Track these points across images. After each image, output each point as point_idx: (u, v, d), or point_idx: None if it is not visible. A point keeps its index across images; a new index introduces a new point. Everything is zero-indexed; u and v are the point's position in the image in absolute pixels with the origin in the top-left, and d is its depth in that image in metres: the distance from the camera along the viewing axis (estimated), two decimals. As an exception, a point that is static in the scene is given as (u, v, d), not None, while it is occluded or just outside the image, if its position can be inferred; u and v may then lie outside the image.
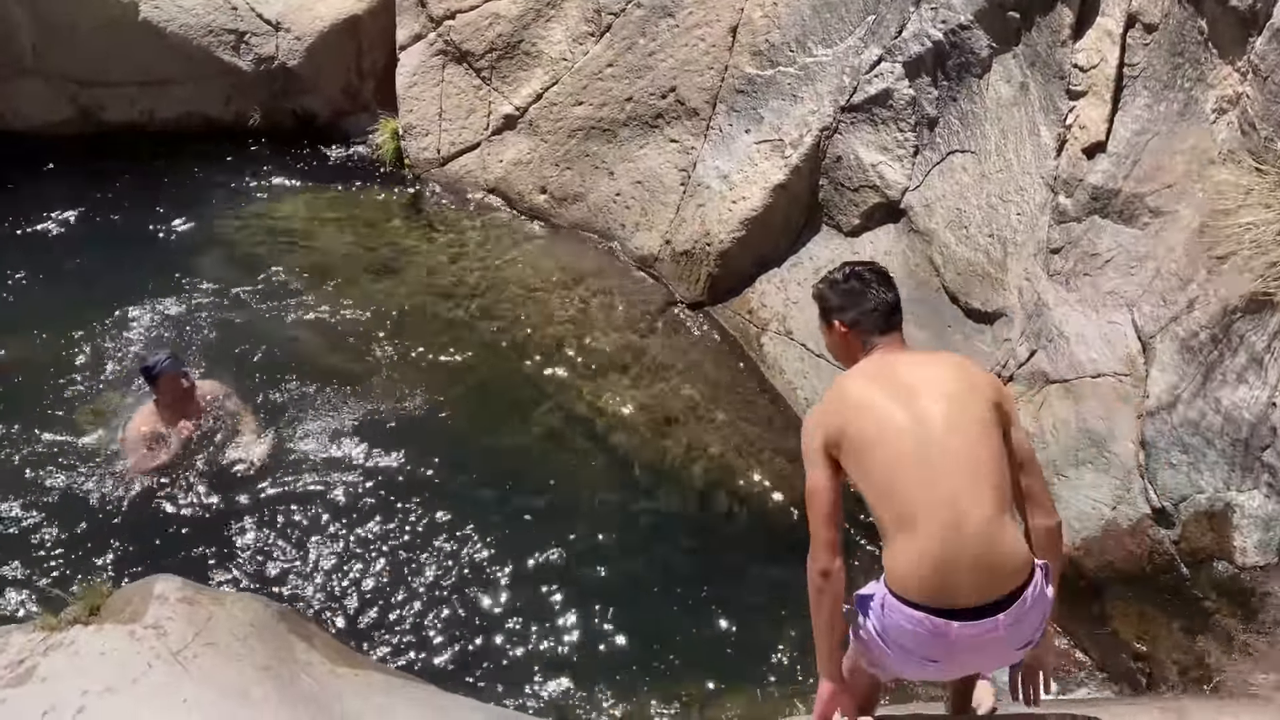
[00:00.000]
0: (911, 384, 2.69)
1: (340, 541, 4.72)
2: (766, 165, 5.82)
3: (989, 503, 2.55)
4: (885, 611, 2.61)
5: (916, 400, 2.64)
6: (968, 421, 2.63)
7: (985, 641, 2.56)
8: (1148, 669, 3.93)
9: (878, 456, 2.61)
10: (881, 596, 2.63)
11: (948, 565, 2.52)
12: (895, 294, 2.90)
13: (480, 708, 3.69)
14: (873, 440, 2.62)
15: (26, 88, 7.50)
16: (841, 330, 2.88)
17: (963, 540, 2.52)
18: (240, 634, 3.41)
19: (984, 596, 2.53)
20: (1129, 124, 4.36)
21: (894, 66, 5.36)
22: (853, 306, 2.86)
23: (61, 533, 4.68)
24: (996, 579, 2.55)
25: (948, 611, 2.53)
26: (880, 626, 2.65)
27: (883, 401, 2.66)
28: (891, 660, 2.70)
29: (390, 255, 6.61)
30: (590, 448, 5.27)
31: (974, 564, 2.52)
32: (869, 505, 2.66)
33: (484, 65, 7.04)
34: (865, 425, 2.64)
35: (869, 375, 2.76)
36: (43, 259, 6.50)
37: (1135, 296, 4.17)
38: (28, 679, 3.15)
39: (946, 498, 2.54)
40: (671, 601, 4.50)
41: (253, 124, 7.60)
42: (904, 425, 2.61)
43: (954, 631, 2.53)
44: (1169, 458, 3.80)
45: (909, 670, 2.77)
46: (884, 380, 2.72)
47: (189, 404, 5.06)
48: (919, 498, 2.56)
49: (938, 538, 2.52)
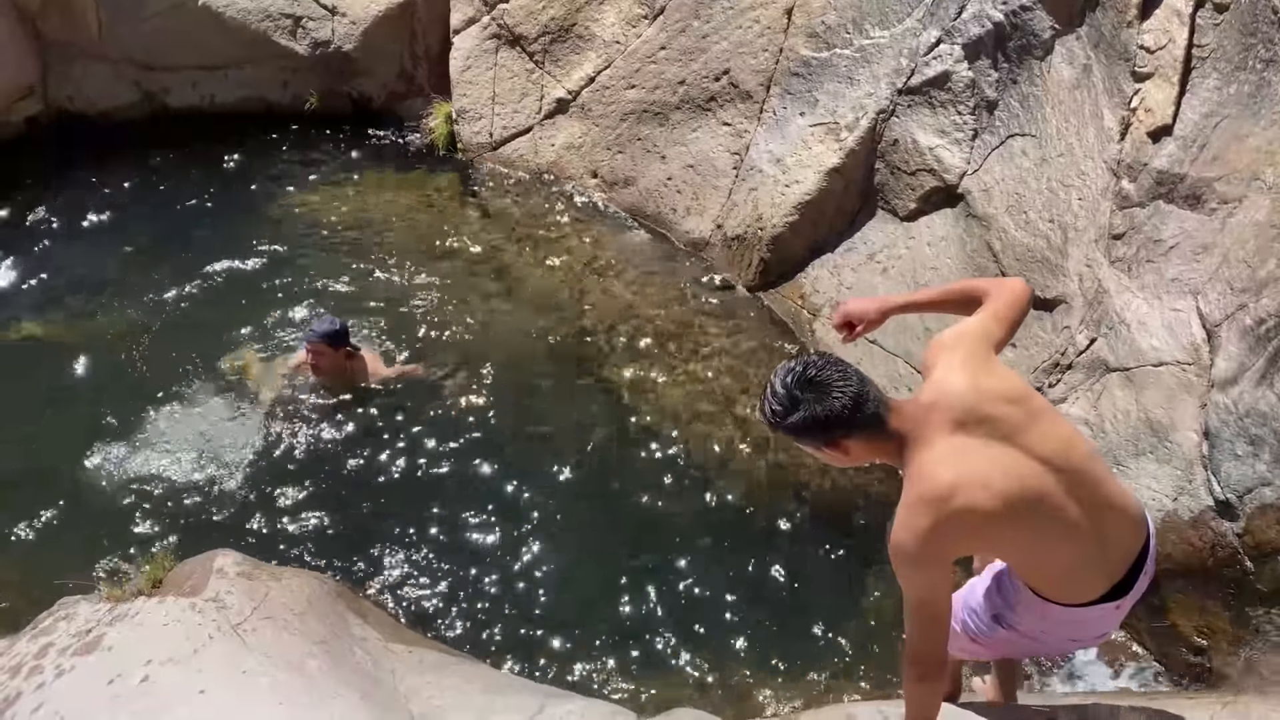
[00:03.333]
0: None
1: (394, 520, 4.78)
2: (821, 149, 5.76)
3: (1095, 478, 2.50)
4: (1050, 620, 2.63)
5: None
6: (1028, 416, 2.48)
7: (1139, 589, 2.62)
8: (1207, 663, 3.85)
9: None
10: (1038, 608, 2.62)
11: (1107, 563, 2.53)
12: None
13: (530, 686, 3.73)
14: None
15: (93, 71, 7.65)
16: (846, 446, 2.45)
17: (1108, 536, 2.51)
18: (297, 609, 3.48)
19: (1131, 558, 2.57)
20: (1197, 107, 4.25)
21: (953, 48, 5.27)
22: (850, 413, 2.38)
23: (128, 506, 4.80)
24: (1136, 537, 2.58)
25: (1119, 587, 2.56)
26: (1039, 628, 2.67)
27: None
28: (1044, 649, 2.83)
29: (443, 239, 6.66)
30: (641, 433, 5.28)
31: (1118, 543, 2.54)
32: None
33: (537, 49, 7.05)
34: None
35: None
36: (108, 242, 6.64)
37: (1200, 284, 4.07)
38: (95, 648, 3.25)
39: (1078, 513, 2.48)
40: (726, 590, 4.49)
41: (309, 108, 7.69)
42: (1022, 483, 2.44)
43: (1126, 601, 2.59)
44: (1234, 449, 3.71)
45: (1050, 652, 2.91)
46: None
47: (340, 371, 5.26)
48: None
49: (1092, 552, 2.50)
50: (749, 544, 4.70)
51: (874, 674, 4.13)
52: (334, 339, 5.12)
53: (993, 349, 2.56)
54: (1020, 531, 2.42)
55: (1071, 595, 2.55)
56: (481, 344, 5.77)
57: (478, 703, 3.34)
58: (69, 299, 6.12)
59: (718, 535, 4.72)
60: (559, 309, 6.07)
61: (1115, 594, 2.55)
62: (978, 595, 2.85)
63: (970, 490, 2.32)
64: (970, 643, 2.88)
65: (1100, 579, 2.53)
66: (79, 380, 5.55)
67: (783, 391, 2.41)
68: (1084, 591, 2.54)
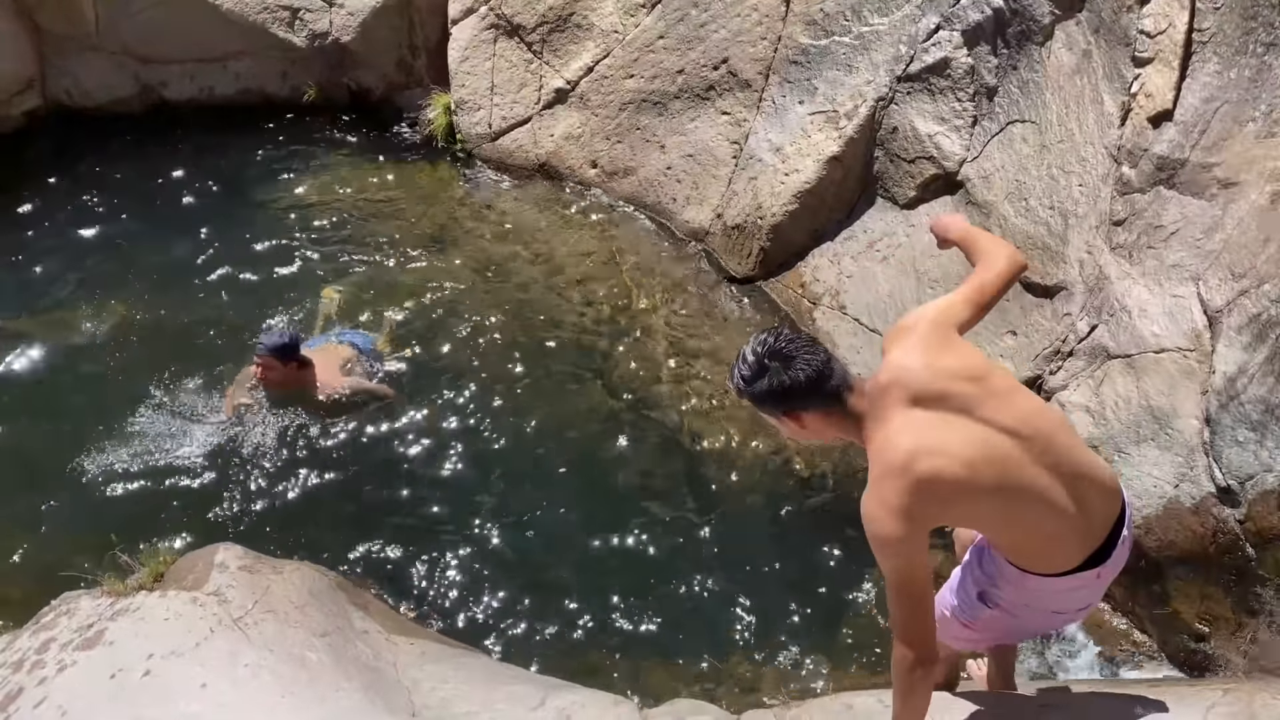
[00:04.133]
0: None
1: (394, 513, 4.79)
2: (820, 137, 5.74)
3: (1064, 445, 2.52)
4: (1030, 591, 2.64)
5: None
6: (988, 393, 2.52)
7: (1119, 558, 2.63)
8: (1209, 650, 3.85)
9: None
10: (1018, 580, 2.64)
11: (1083, 530, 2.55)
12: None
13: (533, 678, 3.73)
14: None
15: (92, 64, 7.62)
16: (803, 419, 2.53)
17: (1083, 503, 2.52)
18: (298, 602, 3.49)
19: (1109, 524, 2.59)
20: (1197, 91, 4.23)
21: (952, 35, 5.24)
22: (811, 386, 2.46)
23: (128, 499, 4.81)
24: (1112, 504, 2.61)
25: (1096, 556, 2.57)
26: (1021, 601, 2.68)
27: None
28: (1030, 626, 2.80)
29: (442, 230, 6.65)
30: (641, 423, 5.28)
31: (1093, 510, 2.55)
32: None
33: (535, 39, 7.02)
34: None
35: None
36: (107, 235, 6.63)
37: (1202, 270, 4.05)
38: (96, 642, 3.26)
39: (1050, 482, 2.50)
40: (726, 580, 4.49)
41: (308, 100, 7.66)
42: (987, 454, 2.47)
43: (1106, 569, 2.61)
44: (1235, 435, 3.70)
45: (1037, 630, 2.92)
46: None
47: (291, 383, 5.13)
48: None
49: (1067, 519, 2.51)
50: (749, 535, 4.71)
51: (873, 663, 4.13)
52: (283, 353, 4.99)
53: (953, 329, 2.62)
54: (990, 499, 2.45)
55: (1050, 564, 2.57)
56: (480, 334, 5.77)
57: (479, 694, 3.35)
58: (68, 292, 6.11)
59: (717, 526, 4.72)
60: (558, 298, 6.06)
61: (1093, 561, 2.57)
62: (961, 575, 2.88)
63: (930, 457, 2.38)
64: (962, 629, 2.88)
65: (1077, 547, 2.55)
66: (79, 373, 5.55)
67: (753, 359, 2.52)
68: (1061, 560, 2.56)
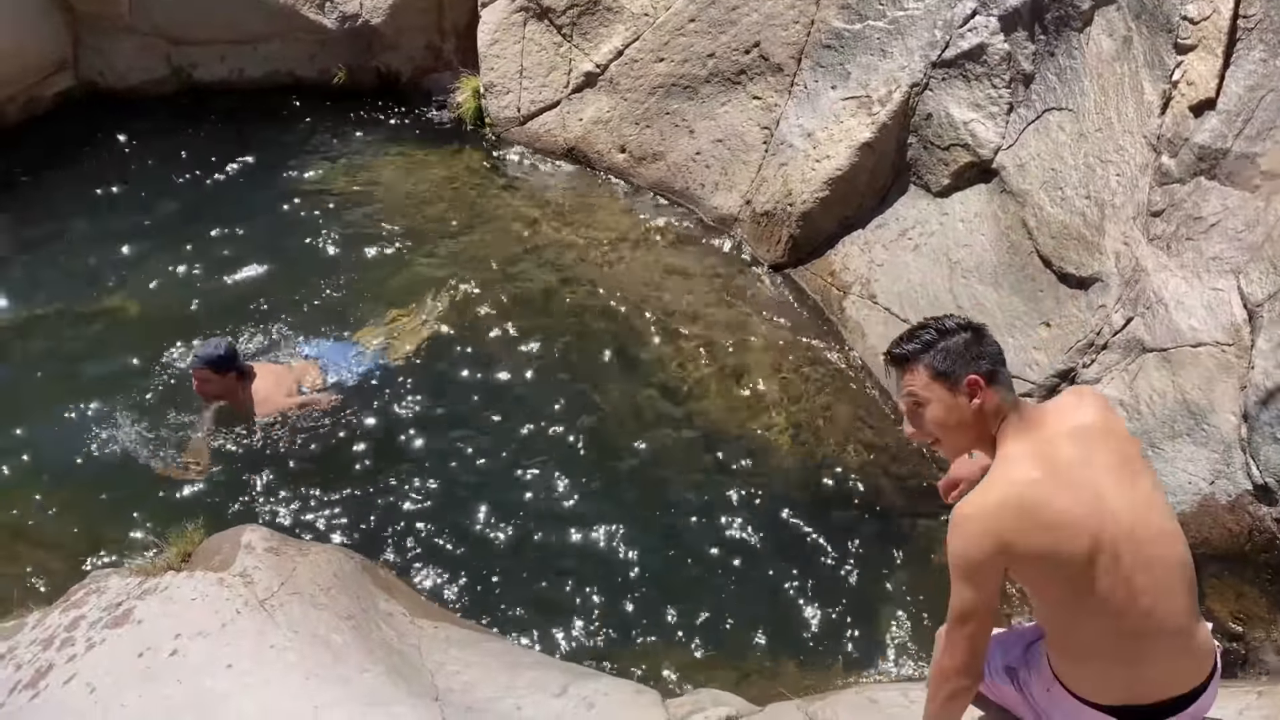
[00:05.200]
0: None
1: (420, 498, 4.80)
2: (853, 123, 5.67)
3: (1181, 598, 2.33)
4: (1054, 701, 2.48)
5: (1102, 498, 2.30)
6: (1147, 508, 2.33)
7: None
8: (1243, 650, 3.78)
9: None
10: (1046, 681, 2.49)
11: (1131, 671, 2.35)
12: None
13: (555, 664, 3.73)
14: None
15: (124, 45, 7.67)
16: (978, 388, 2.36)
17: (1147, 642, 2.32)
18: (324, 584, 3.50)
19: (1168, 691, 2.36)
20: (1241, 80, 4.13)
21: (989, 20, 5.15)
22: (980, 354, 2.38)
23: (157, 481, 4.84)
24: (1182, 672, 2.38)
25: (1136, 712, 2.36)
26: (1044, 707, 2.54)
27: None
28: None
29: (470, 213, 6.64)
30: (667, 410, 5.25)
31: (1158, 661, 2.34)
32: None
33: (565, 22, 6.98)
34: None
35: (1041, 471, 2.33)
36: (137, 217, 6.68)
37: (1242, 262, 3.97)
38: (125, 621, 3.28)
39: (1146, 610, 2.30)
40: (750, 572, 4.47)
41: (337, 82, 7.67)
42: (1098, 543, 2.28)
43: None
44: (1275, 432, 3.63)
45: None
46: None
47: (230, 396, 5.02)
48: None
49: (1123, 649, 2.32)
50: (774, 526, 4.67)
51: (898, 658, 4.10)
52: (218, 364, 4.87)
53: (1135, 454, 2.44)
54: (1061, 572, 2.27)
55: (1081, 685, 2.39)
56: (507, 319, 5.76)
57: (502, 679, 3.35)
58: (98, 274, 6.16)
59: (742, 517, 4.69)
60: (586, 283, 6.04)
61: (1128, 716, 2.36)
62: (1002, 640, 2.72)
63: (1045, 489, 2.25)
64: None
65: (1118, 686, 2.35)
66: (108, 355, 5.58)
67: (952, 324, 2.43)
68: (1095, 689, 2.37)
